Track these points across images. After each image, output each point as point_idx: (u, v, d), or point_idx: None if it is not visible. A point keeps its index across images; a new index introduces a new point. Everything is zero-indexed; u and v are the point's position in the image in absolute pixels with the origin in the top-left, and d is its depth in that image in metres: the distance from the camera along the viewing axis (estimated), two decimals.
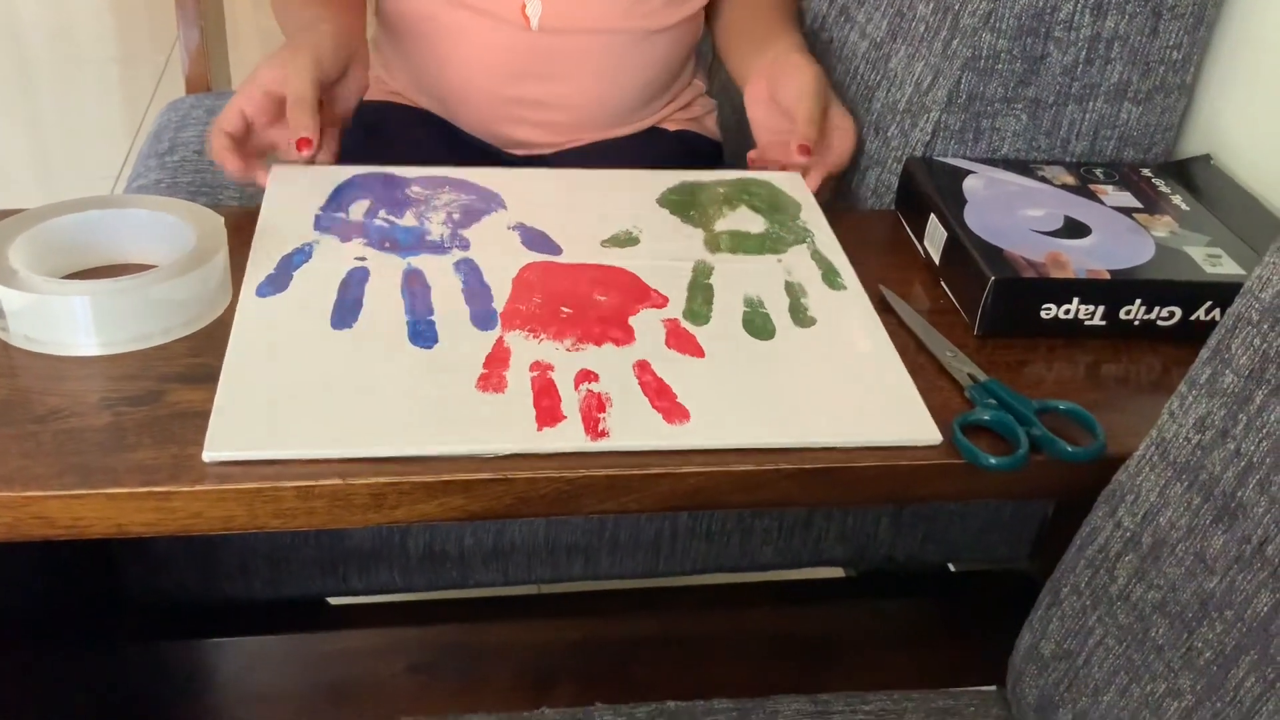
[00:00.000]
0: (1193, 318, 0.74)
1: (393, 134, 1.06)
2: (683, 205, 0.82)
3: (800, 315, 0.72)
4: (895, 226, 0.88)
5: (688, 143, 1.10)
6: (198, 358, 0.67)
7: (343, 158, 1.03)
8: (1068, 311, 0.74)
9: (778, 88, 0.88)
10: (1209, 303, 0.74)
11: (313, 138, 0.83)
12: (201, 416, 0.62)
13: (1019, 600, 0.74)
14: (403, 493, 0.60)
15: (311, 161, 0.84)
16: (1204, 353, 0.60)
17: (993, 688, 0.76)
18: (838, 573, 1.20)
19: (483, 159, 1.06)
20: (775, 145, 0.89)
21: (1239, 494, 0.55)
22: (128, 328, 0.67)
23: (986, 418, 0.66)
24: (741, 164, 0.93)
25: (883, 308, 0.77)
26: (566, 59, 1.00)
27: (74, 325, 0.66)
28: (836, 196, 0.95)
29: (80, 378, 0.65)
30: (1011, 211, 0.80)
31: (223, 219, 0.73)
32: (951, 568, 1.16)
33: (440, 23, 1.00)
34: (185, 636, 1.03)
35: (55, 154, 2.60)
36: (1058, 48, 0.84)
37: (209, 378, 0.65)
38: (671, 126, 1.10)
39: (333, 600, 1.06)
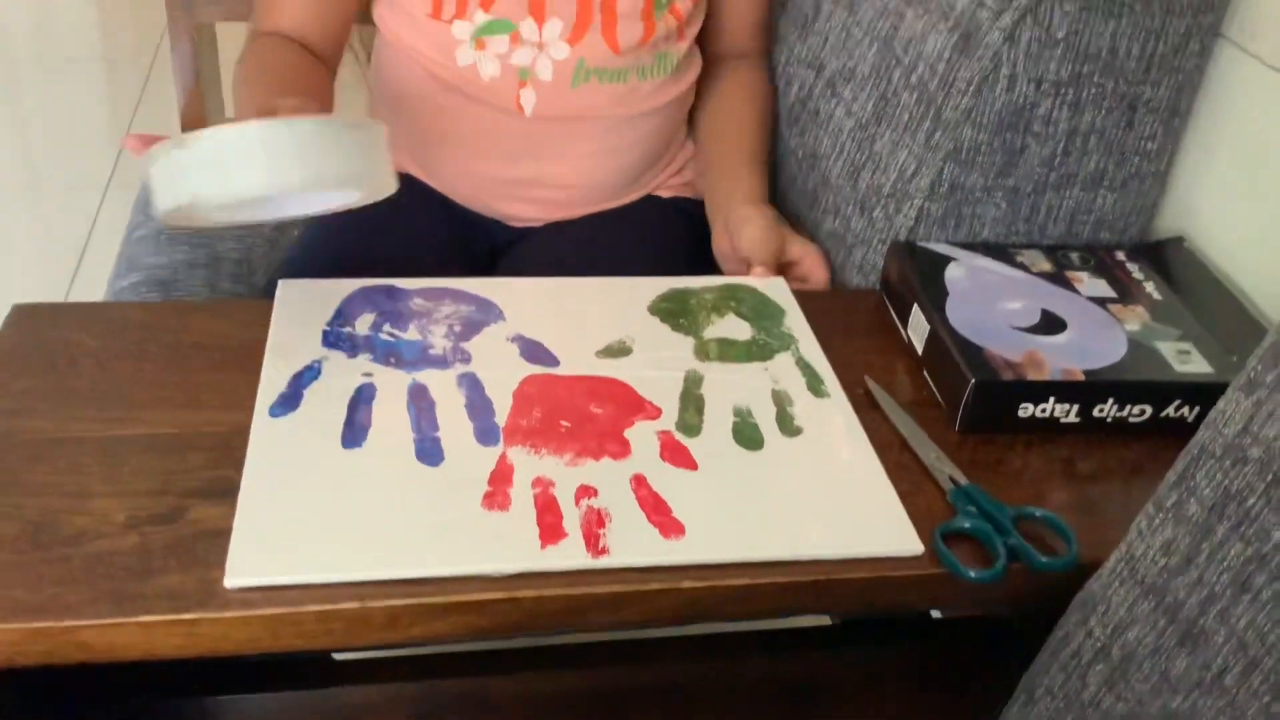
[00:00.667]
0: (1163, 415, 0.78)
1: (390, 206, 1.08)
2: (673, 313, 0.86)
3: (787, 425, 0.75)
4: (879, 308, 0.91)
5: (681, 208, 1.13)
6: (216, 470, 0.70)
7: (339, 225, 1.06)
8: (1044, 410, 0.77)
9: (737, 241, 0.96)
10: (1178, 400, 0.78)
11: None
12: (222, 536, 0.65)
13: (1002, 646, 0.78)
14: (417, 613, 0.64)
15: None
16: (1171, 475, 0.64)
17: None
18: (824, 620, 1.24)
19: (479, 230, 1.09)
20: None
21: (1201, 621, 0.59)
22: (299, 168, 0.69)
23: (967, 525, 0.69)
24: None
25: (869, 402, 0.80)
26: (561, 143, 1.03)
27: (250, 160, 0.68)
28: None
29: (104, 495, 0.68)
30: (991, 305, 0.84)
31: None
32: (935, 614, 1.20)
33: (437, 107, 1.03)
34: (189, 694, 1.06)
35: (40, 157, 2.61)
36: (1036, 141, 0.88)
37: (228, 492, 0.68)
38: (665, 193, 1.13)
39: (337, 655, 1.09)
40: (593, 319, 0.85)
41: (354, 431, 0.73)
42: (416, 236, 1.04)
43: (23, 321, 0.81)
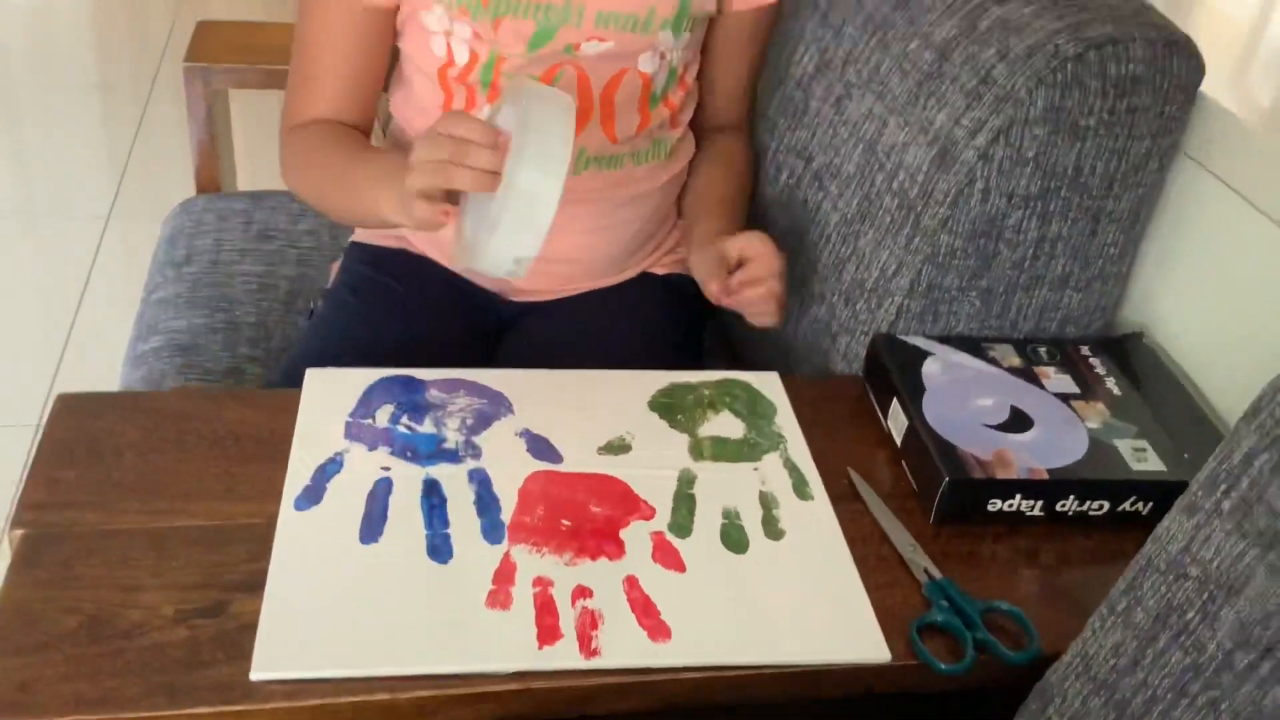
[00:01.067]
0: (1120, 509, 0.85)
1: (400, 279, 1.15)
2: (670, 409, 0.92)
3: (772, 528, 0.82)
4: (862, 395, 0.98)
5: (675, 285, 1.20)
6: (255, 563, 0.76)
7: (354, 303, 1.13)
8: (1011, 505, 0.85)
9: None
10: (1134, 497, 0.85)
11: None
12: None
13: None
14: (441, 702, 0.71)
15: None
16: (1121, 583, 0.71)
17: None
18: None
19: (486, 307, 1.15)
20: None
21: None
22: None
23: (940, 619, 0.76)
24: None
25: (852, 493, 0.87)
26: (562, 222, 1.09)
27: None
28: (815, 355, 1.05)
29: (153, 588, 0.74)
30: (964, 402, 0.91)
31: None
32: None
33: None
34: None
35: (39, 186, 2.65)
36: (1008, 247, 0.95)
37: (264, 584, 0.74)
38: (660, 270, 1.19)
39: None
40: (596, 413, 0.91)
41: (371, 526, 0.80)
42: (428, 316, 1.11)
43: (67, 413, 0.87)
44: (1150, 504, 0.85)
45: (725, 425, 0.92)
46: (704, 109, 1.18)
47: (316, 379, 0.92)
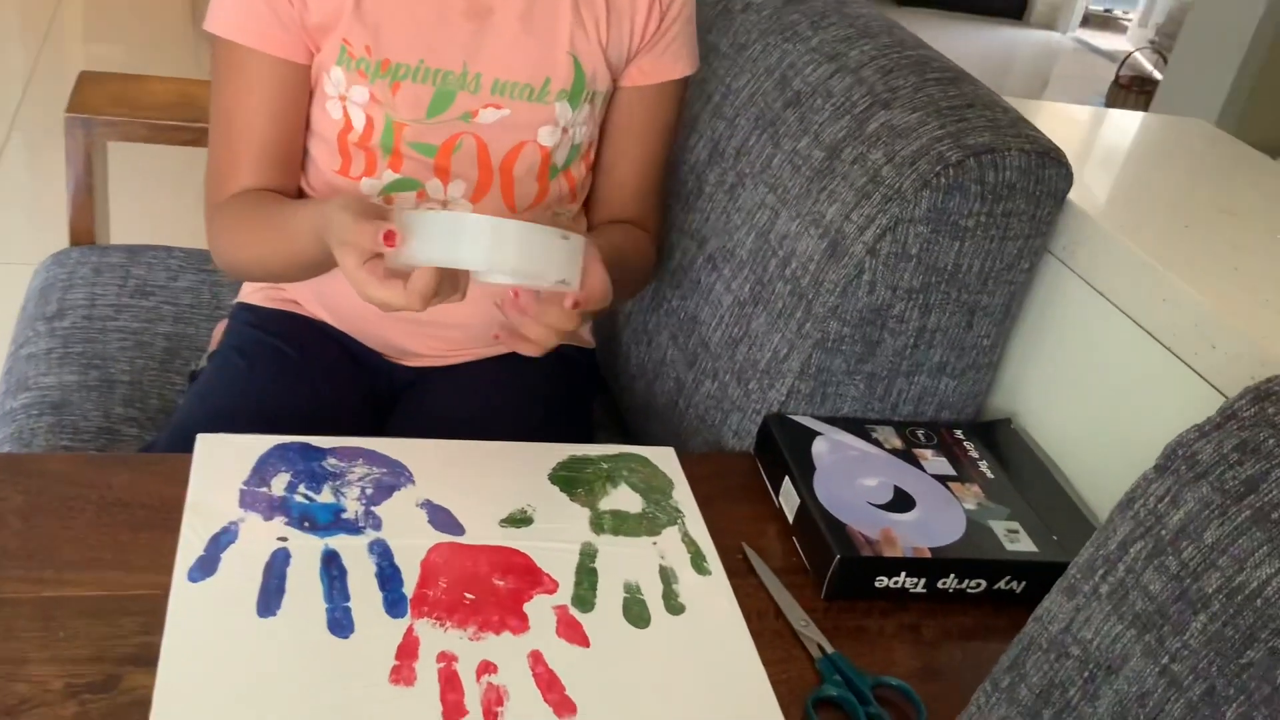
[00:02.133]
0: (995, 587, 0.90)
1: (291, 342, 1.14)
2: (570, 482, 0.94)
3: (671, 602, 0.84)
4: (753, 471, 1.02)
5: (567, 356, 1.22)
6: (148, 635, 0.74)
7: (245, 366, 1.11)
8: (896, 583, 0.89)
9: None
10: (1009, 576, 0.90)
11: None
12: None
13: None
14: None
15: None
16: (1005, 660, 0.75)
17: None
18: None
19: (379, 373, 1.15)
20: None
21: None
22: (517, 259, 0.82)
23: (834, 694, 0.79)
24: (614, 361, 1.04)
25: (746, 568, 0.90)
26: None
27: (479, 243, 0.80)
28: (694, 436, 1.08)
29: (41, 661, 0.72)
30: (851, 482, 0.95)
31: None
32: None
33: None
34: None
35: None
36: (891, 335, 1.00)
37: (157, 659, 0.72)
38: None
39: None
40: (496, 486, 0.92)
41: (268, 599, 0.78)
42: (320, 380, 1.10)
43: None
44: (1024, 583, 0.90)
45: (624, 499, 0.94)
46: (601, 200, 1.17)
47: (207, 445, 0.91)
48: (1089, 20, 6.29)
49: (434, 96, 1.01)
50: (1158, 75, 4.81)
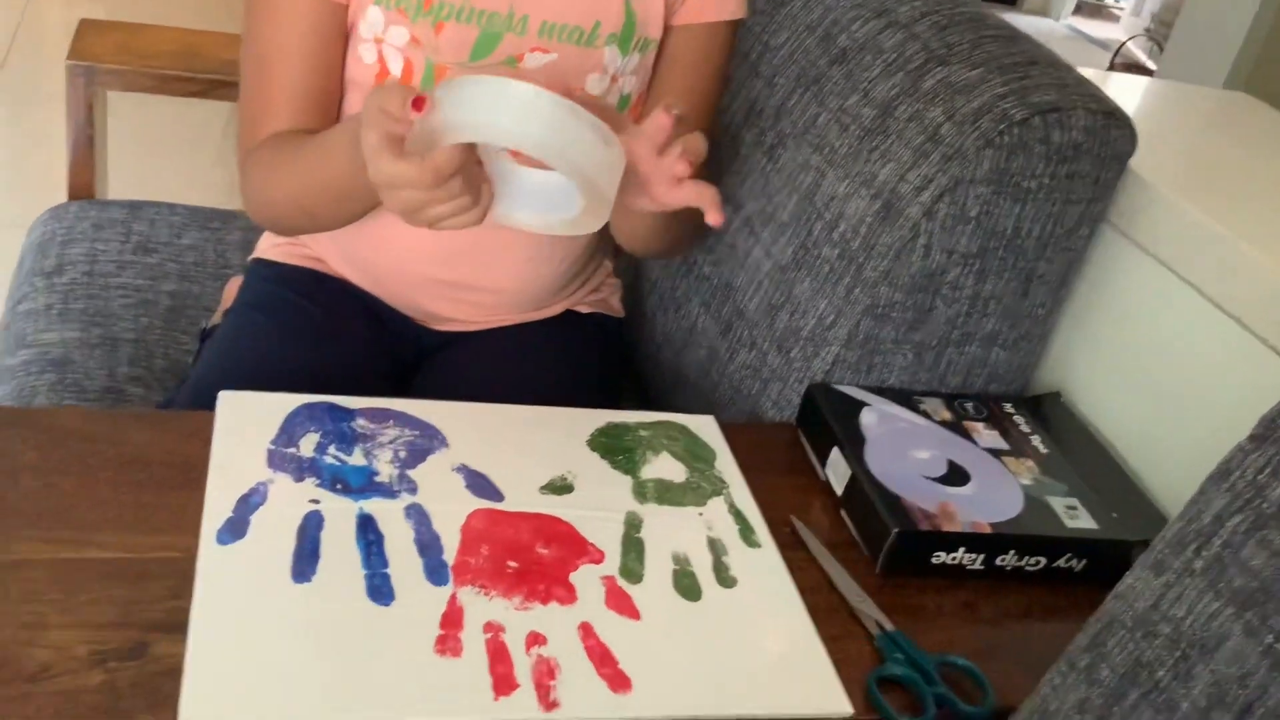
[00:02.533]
0: (1055, 565, 0.87)
1: (313, 300, 1.09)
2: (610, 449, 0.90)
3: (723, 575, 0.80)
4: (795, 443, 0.98)
5: (597, 324, 1.17)
6: (176, 600, 0.70)
7: (266, 325, 1.06)
8: (954, 558, 0.85)
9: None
10: (1069, 553, 0.86)
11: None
12: None
13: None
14: None
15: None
16: (1082, 639, 0.71)
17: None
18: None
19: (405, 334, 1.10)
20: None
21: None
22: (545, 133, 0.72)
23: (898, 673, 0.76)
24: (639, 334, 1.00)
25: (795, 541, 0.86)
26: (497, 249, 1.06)
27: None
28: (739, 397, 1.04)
29: (62, 626, 0.67)
30: (903, 454, 0.91)
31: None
32: None
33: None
34: None
35: None
36: (944, 303, 0.96)
37: (186, 625, 0.68)
38: (584, 309, 1.17)
39: None
40: (534, 451, 0.88)
41: (303, 564, 0.74)
42: (344, 340, 1.05)
43: None
44: (1083, 561, 0.87)
45: (666, 468, 0.90)
46: None
47: (231, 402, 0.86)
48: (1081, 8, 6.27)
49: (479, 38, 0.95)
50: (1151, 64, 4.80)
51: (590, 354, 1.14)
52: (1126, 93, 1.27)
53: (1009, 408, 1.01)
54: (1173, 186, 0.97)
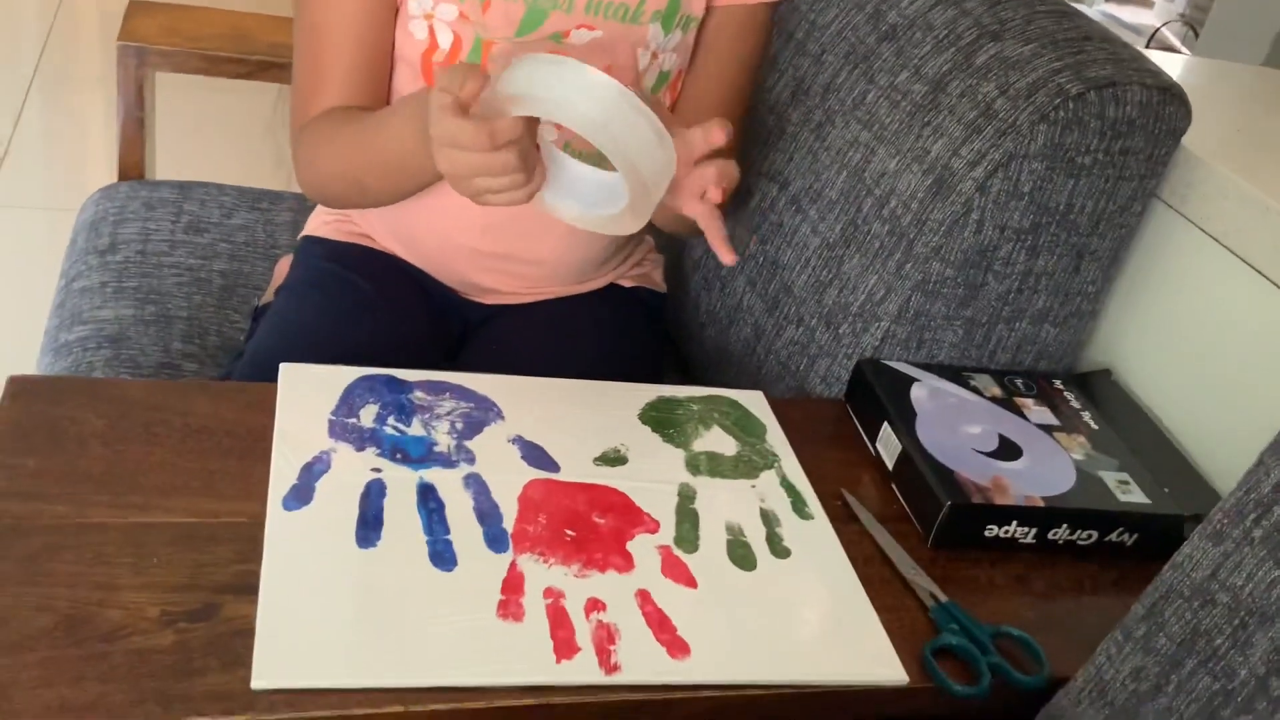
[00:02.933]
0: (1107, 539, 0.87)
1: (365, 276, 1.10)
2: (661, 423, 0.90)
3: (776, 546, 0.81)
4: (843, 419, 0.98)
5: (640, 298, 1.18)
6: (245, 564, 0.71)
7: (315, 301, 1.07)
8: (1007, 532, 0.85)
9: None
10: (1121, 528, 0.87)
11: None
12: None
13: None
14: (456, 717, 0.66)
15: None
16: (1138, 608, 0.72)
17: None
18: None
19: (451, 309, 1.11)
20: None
21: None
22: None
23: (953, 643, 0.76)
24: (681, 311, 1.02)
25: (847, 514, 0.87)
26: (537, 222, 1.07)
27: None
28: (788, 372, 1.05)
29: (134, 588, 0.68)
30: (955, 429, 0.91)
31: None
32: None
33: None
34: None
35: None
36: (995, 279, 0.96)
37: (257, 588, 0.69)
38: (626, 283, 1.17)
39: None
40: (587, 424, 0.89)
41: (367, 530, 0.75)
42: (395, 314, 1.06)
43: (21, 395, 0.80)
44: (1135, 535, 0.87)
45: (718, 441, 0.90)
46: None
47: (292, 375, 0.87)
48: None
49: (526, 14, 0.96)
50: (1186, 51, 4.74)
51: (633, 327, 1.15)
52: (1172, 71, 1.27)
53: (1059, 384, 1.01)
54: (1226, 162, 0.96)
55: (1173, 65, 1.33)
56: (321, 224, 1.15)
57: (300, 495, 0.76)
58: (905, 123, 0.99)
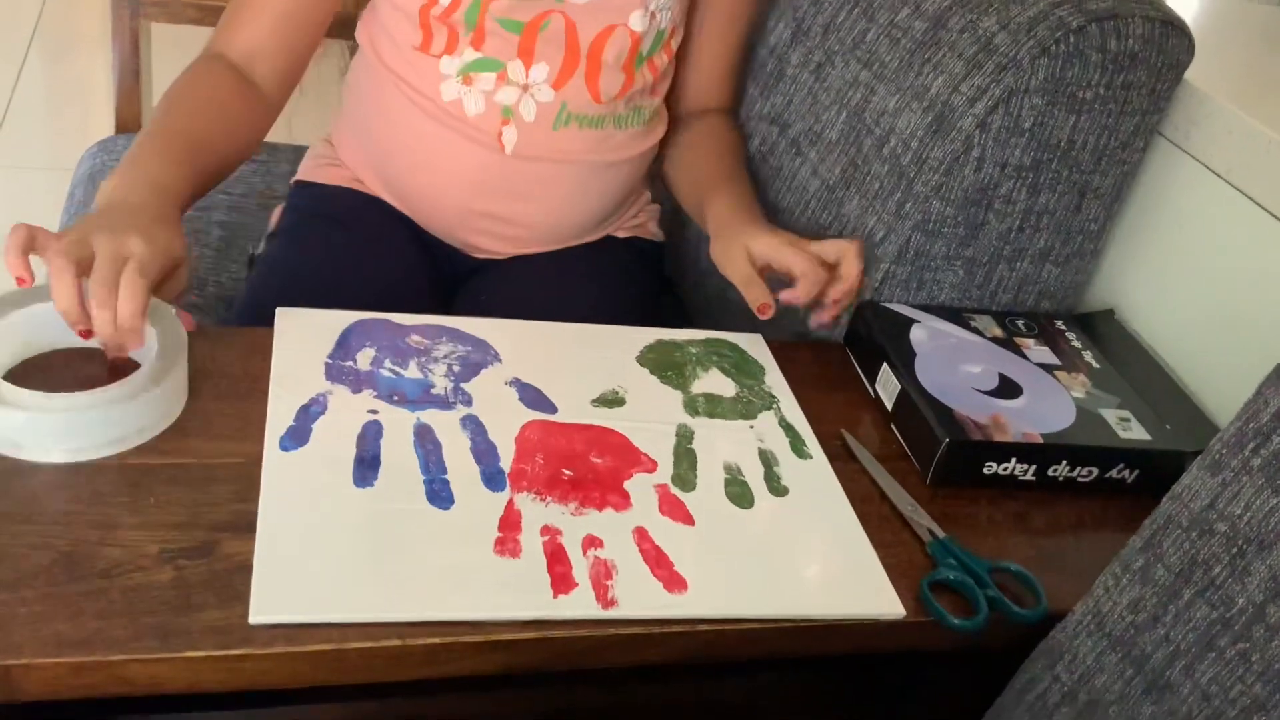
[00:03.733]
0: (1107, 476, 0.87)
1: (354, 222, 1.09)
2: (660, 365, 0.90)
3: (774, 484, 0.81)
4: (844, 362, 0.98)
5: (635, 248, 1.17)
6: (243, 503, 0.71)
7: (305, 244, 1.07)
8: (1005, 469, 0.85)
9: (752, 255, 0.93)
10: (1121, 464, 0.86)
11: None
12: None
13: (907, 663, 0.85)
14: (454, 651, 0.67)
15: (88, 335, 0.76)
16: (1136, 540, 0.71)
17: None
18: None
19: (441, 257, 1.11)
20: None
21: (1167, 674, 0.67)
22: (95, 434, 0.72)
23: (951, 577, 0.76)
24: (681, 259, 1.04)
25: (846, 454, 0.87)
26: (534, 183, 1.06)
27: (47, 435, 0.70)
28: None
29: (132, 526, 0.68)
30: (954, 368, 0.91)
31: (182, 329, 0.78)
32: None
33: (415, 134, 1.04)
34: (163, 710, 1.05)
35: None
36: (996, 217, 0.96)
37: (255, 527, 0.69)
38: (622, 234, 1.17)
39: None
40: (585, 366, 0.88)
41: (364, 469, 0.75)
42: (385, 260, 1.06)
43: None
44: (1135, 472, 0.87)
45: (716, 383, 0.90)
46: (688, 89, 1.16)
47: (288, 319, 0.87)
48: None
49: None
50: None
51: (628, 276, 1.14)
52: (1185, 8, 1.25)
53: (1060, 324, 1.00)
54: (1230, 97, 0.95)
55: (1185, 2, 1.31)
56: (314, 167, 1.14)
57: (297, 436, 0.76)
58: (905, 60, 0.98)
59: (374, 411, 0.80)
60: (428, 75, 1.02)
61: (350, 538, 0.70)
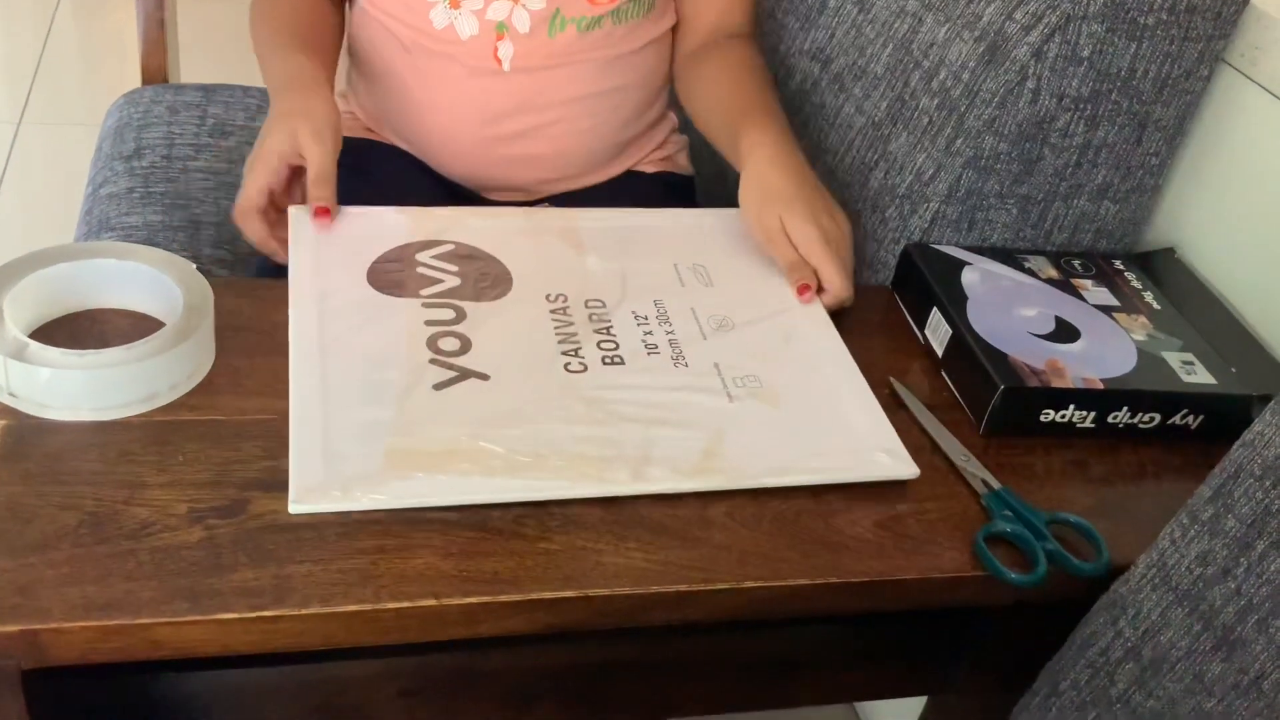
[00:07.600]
0: (1170, 422, 0.83)
1: (374, 172, 1.07)
2: None
3: None
4: (891, 305, 0.94)
5: (664, 182, 1.14)
6: (273, 460, 0.69)
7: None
8: (1064, 416, 0.81)
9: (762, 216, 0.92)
10: (1185, 410, 0.82)
11: (331, 208, 0.86)
12: (289, 530, 0.65)
13: (954, 617, 0.83)
14: (491, 610, 0.65)
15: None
16: (1205, 490, 0.68)
17: None
18: None
19: (465, 199, 1.08)
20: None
21: (1238, 629, 0.63)
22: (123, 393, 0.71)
23: (1007, 529, 0.73)
24: (711, 196, 1.02)
25: (895, 403, 0.83)
26: (541, 93, 1.03)
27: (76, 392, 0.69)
28: None
29: (160, 485, 0.67)
30: (1009, 311, 0.87)
31: (207, 285, 0.77)
32: None
33: (416, 70, 1.02)
34: (182, 668, 1.05)
35: None
36: (1052, 152, 0.91)
37: (287, 485, 0.67)
38: (649, 168, 1.13)
39: None
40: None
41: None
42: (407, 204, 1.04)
43: None
44: (1200, 418, 0.83)
45: None
46: (704, 13, 1.11)
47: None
48: None
49: None
50: None
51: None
52: None
53: (1119, 264, 0.96)
54: None
55: None
56: None
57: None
58: None
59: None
60: (416, 7, 1.00)
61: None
